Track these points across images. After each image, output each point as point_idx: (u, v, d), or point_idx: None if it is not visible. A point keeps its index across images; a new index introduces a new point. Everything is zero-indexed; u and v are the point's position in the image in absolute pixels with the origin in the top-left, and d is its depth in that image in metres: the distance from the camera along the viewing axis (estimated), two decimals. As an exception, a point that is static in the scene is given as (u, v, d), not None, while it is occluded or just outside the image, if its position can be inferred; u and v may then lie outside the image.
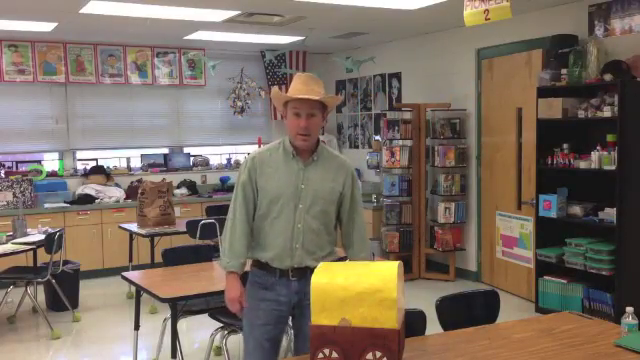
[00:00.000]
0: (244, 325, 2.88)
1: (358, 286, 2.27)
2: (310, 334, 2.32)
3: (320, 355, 2.28)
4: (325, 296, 2.29)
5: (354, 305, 2.26)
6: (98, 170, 7.63)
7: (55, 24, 6.24)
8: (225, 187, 8.12)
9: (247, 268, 2.90)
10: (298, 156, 2.77)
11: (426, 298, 3.19)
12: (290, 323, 2.95)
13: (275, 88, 2.86)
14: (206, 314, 4.01)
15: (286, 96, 2.75)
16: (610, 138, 4.89)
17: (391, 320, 2.24)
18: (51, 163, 7.72)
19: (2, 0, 5.19)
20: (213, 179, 8.30)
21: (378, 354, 2.24)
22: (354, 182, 2.89)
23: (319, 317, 2.29)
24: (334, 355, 2.26)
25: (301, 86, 2.74)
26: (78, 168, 7.75)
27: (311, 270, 2.73)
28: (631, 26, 5.08)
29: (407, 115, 6.95)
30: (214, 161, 8.59)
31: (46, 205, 7.03)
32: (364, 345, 2.25)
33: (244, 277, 2.91)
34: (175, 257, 4.42)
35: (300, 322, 2.83)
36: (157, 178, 6.96)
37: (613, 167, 4.81)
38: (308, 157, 2.78)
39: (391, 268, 2.30)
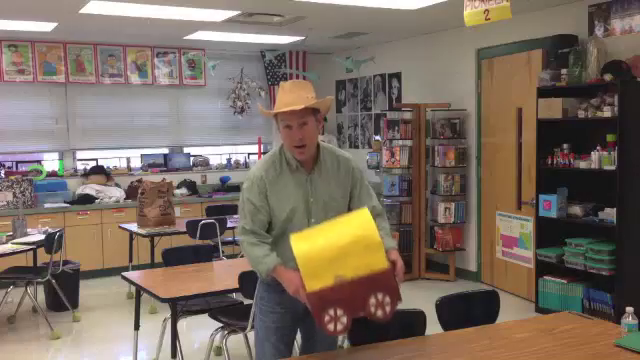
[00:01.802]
0: (258, 329, 2.82)
1: (341, 241, 2.31)
2: (309, 303, 2.33)
3: (327, 317, 2.30)
4: (312, 262, 2.31)
5: (343, 260, 2.30)
6: (98, 170, 7.62)
7: (55, 24, 6.24)
8: (225, 187, 8.12)
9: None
10: (302, 167, 2.68)
11: (426, 298, 3.19)
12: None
13: (259, 106, 2.73)
14: (206, 314, 4.01)
15: (270, 112, 2.64)
16: (610, 138, 4.89)
17: (381, 261, 2.30)
18: (51, 163, 7.72)
19: (2, 0, 5.19)
20: (213, 179, 8.30)
21: (380, 296, 2.29)
22: (360, 174, 2.83)
23: (312, 284, 2.30)
24: (339, 312, 2.29)
25: (285, 95, 2.62)
26: (78, 168, 7.75)
27: None
28: (631, 26, 5.08)
29: (407, 115, 6.95)
30: (214, 161, 8.59)
31: (46, 205, 7.03)
32: (365, 293, 2.30)
33: (251, 277, 2.89)
34: (175, 257, 4.42)
35: (311, 326, 2.80)
36: (157, 178, 6.95)
37: (613, 167, 4.81)
38: (312, 166, 2.70)
39: (364, 214, 2.38)
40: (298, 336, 2.91)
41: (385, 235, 2.75)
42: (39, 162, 7.64)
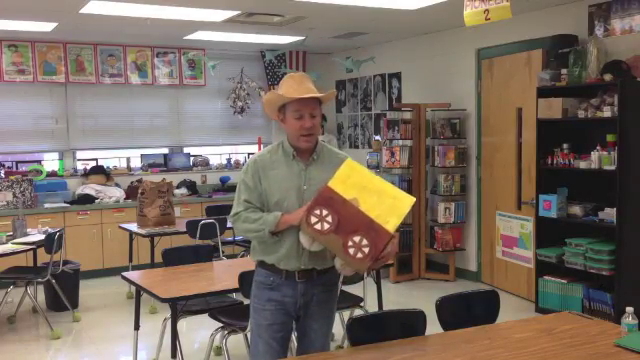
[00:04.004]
0: (252, 326, 2.87)
1: (382, 186, 2.52)
2: (320, 192, 2.47)
3: (317, 211, 2.45)
4: (352, 174, 2.49)
5: (370, 195, 2.47)
6: (98, 170, 7.62)
7: (55, 24, 6.24)
8: (225, 187, 8.12)
9: (252, 267, 2.90)
10: (298, 157, 2.75)
11: (426, 298, 3.20)
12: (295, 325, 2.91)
13: (271, 92, 2.76)
14: (206, 314, 4.01)
15: (288, 97, 2.65)
16: (610, 138, 4.89)
17: (391, 224, 2.44)
18: (51, 163, 7.72)
19: (2, 0, 5.19)
20: (213, 179, 8.30)
21: (364, 241, 2.42)
22: None
23: (336, 184, 2.47)
24: (329, 219, 2.43)
25: (297, 86, 2.68)
26: (78, 168, 7.75)
27: (317, 271, 2.73)
28: (631, 26, 5.08)
29: (407, 115, 6.95)
30: (214, 161, 8.60)
31: (46, 205, 7.03)
32: (358, 228, 2.42)
33: (251, 276, 2.91)
34: (175, 257, 4.42)
35: (305, 325, 2.81)
36: (157, 178, 6.96)
37: (613, 167, 4.81)
38: (308, 157, 2.76)
39: (412, 198, 2.56)
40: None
41: None
42: (39, 162, 7.64)
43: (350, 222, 2.42)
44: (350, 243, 2.43)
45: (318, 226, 2.45)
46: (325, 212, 2.43)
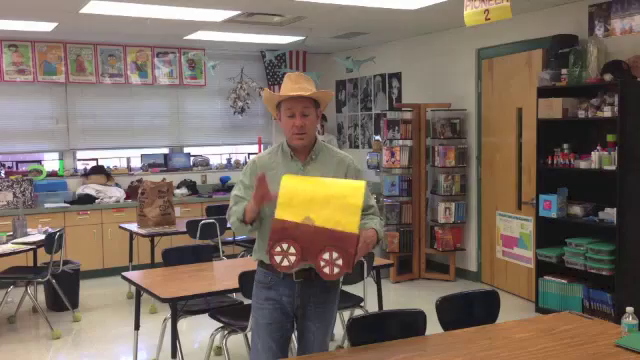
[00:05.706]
0: (252, 325, 2.90)
1: (327, 190, 2.43)
2: (271, 228, 2.41)
3: (278, 249, 2.38)
4: (294, 192, 2.42)
5: (320, 206, 2.39)
6: (98, 170, 7.63)
7: (55, 24, 6.25)
8: (225, 187, 8.12)
9: (253, 267, 2.91)
10: (296, 156, 2.78)
11: (426, 298, 3.19)
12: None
13: (267, 90, 2.83)
14: (206, 314, 4.02)
15: (278, 95, 2.74)
16: (610, 138, 4.89)
17: (352, 225, 2.37)
18: (51, 163, 7.72)
19: (2, 0, 5.19)
20: (213, 179, 8.30)
21: (335, 255, 2.36)
22: (356, 173, 2.86)
23: (284, 212, 2.40)
24: (292, 250, 2.37)
25: (291, 85, 2.74)
26: (78, 168, 7.75)
27: (316, 272, 2.73)
28: (631, 26, 5.08)
29: (407, 115, 6.95)
30: (214, 161, 8.60)
31: (46, 205, 7.03)
32: (323, 245, 2.37)
33: (251, 276, 2.91)
34: (175, 257, 4.43)
35: (303, 325, 2.81)
36: (157, 178, 6.96)
37: (613, 167, 4.81)
38: (306, 156, 2.78)
39: (360, 183, 2.52)
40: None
41: (372, 221, 2.74)
42: (39, 162, 7.64)
43: (313, 243, 2.38)
44: (322, 263, 2.39)
45: (285, 263, 2.39)
46: (285, 246, 2.38)
